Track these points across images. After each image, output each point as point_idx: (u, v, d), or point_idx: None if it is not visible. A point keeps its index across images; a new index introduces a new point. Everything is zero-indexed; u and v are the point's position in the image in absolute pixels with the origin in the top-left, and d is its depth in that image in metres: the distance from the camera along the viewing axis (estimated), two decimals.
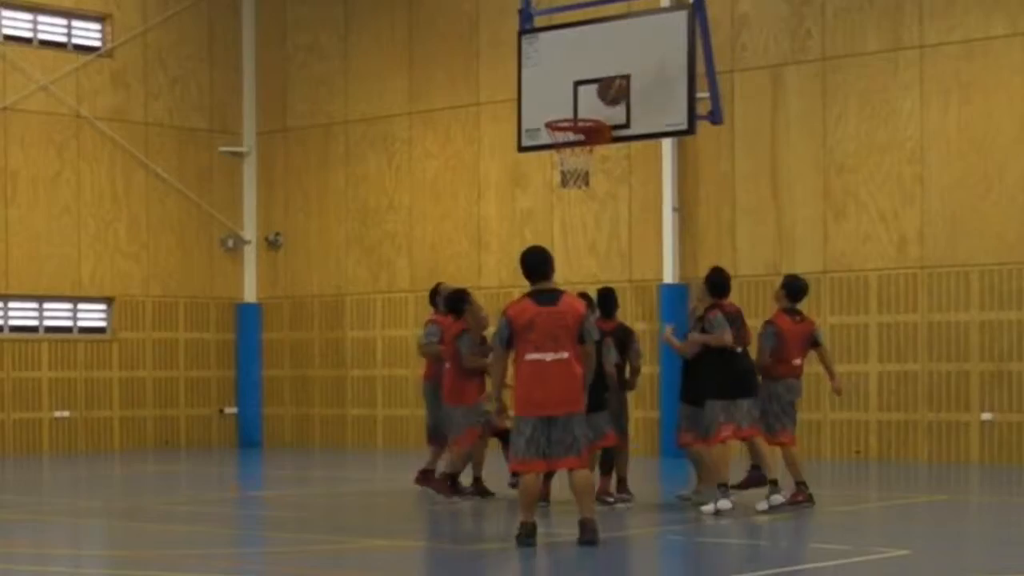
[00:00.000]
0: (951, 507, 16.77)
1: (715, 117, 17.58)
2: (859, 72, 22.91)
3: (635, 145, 23.30)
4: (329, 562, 12.40)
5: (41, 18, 27.06)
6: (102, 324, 27.51)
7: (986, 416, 21.97)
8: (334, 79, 28.09)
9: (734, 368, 15.32)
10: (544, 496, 15.18)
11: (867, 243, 22.85)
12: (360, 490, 18.26)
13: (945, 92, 22.29)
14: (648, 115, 17.17)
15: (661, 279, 24.24)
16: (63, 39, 27.27)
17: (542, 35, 18.26)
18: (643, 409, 24.21)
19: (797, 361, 15.89)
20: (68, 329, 27.13)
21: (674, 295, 24.06)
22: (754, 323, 23.60)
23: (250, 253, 28.95)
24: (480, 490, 16.80)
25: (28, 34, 26.95)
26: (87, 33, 27.48)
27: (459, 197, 26.60)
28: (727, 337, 15.14)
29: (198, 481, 21.68)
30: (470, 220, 26.45)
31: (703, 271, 23.92)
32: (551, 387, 12.60)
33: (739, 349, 15.44)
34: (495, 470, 17.02)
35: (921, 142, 22.46)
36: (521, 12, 18.61)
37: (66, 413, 26.75)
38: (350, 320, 27.84)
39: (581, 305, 12.95)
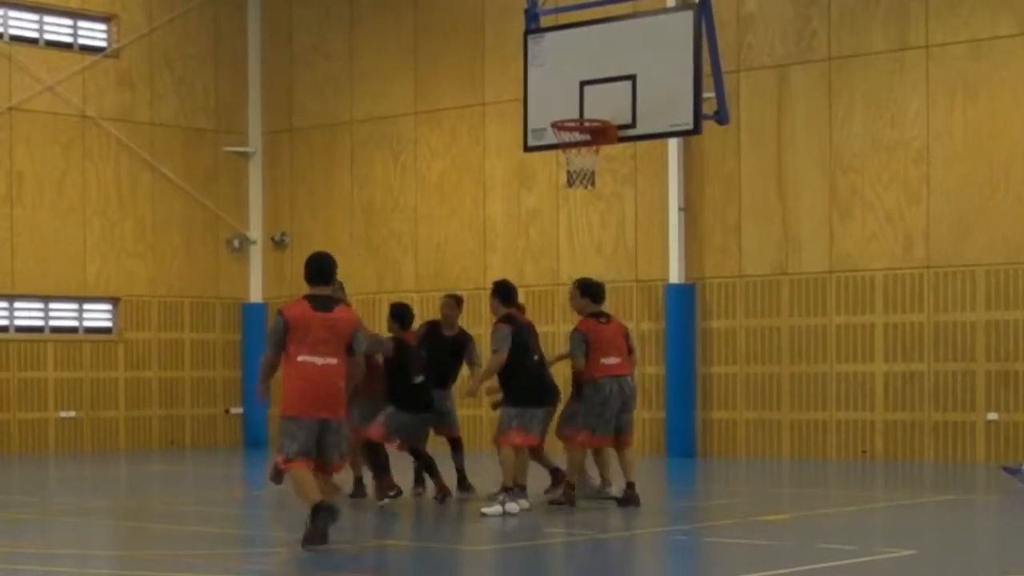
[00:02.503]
0: (957, 507, 16.75)
1: (721, 117, 17.56)
2: (865, 72, 22.89)
3: (641, 145, 23.28)
4: (333, 562, 12.39)
5: (47, 18, 27.07)
6: (108, 324, 27.52)
7: (992, 416, 21.95)
8: (340, 79, 28.09)
9: (527, 377, 15.57)
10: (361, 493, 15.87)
11: (873, 243, 22.83)
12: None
13: (951, 92, 22.27)
14: (654, 115, 17.15)
15: (667, 279, 24.23)
16: (69, 39, 27.28)
17: (548, 35, 18.25)
18: (649, 410, 24.20)
19: (608, 361, 15.80)
20: (74, 329, 27.14)
21: (680, 295, 24.06)
22: (759, 324, 23.64)
23: (256, 253, 28.95)
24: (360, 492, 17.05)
25: (34, 34, 26.96)
26: (93, 33, 27.49)
27: (465, 197, 26.60)
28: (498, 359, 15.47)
29: (204, 481, 21.68)
30: (476, 220, 26.44)
31: (709, 271, 24.12)
32: (320, 391, 12.81)
33: (536, 358, 15.71)
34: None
35: (927, 142, 22.44)
36: (527, 12, 18.59)
37: (72, 413, 26.76)
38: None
39: (354, 316, 13.25)
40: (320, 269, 13.11)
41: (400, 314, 16.62)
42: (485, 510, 15.16)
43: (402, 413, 16.20)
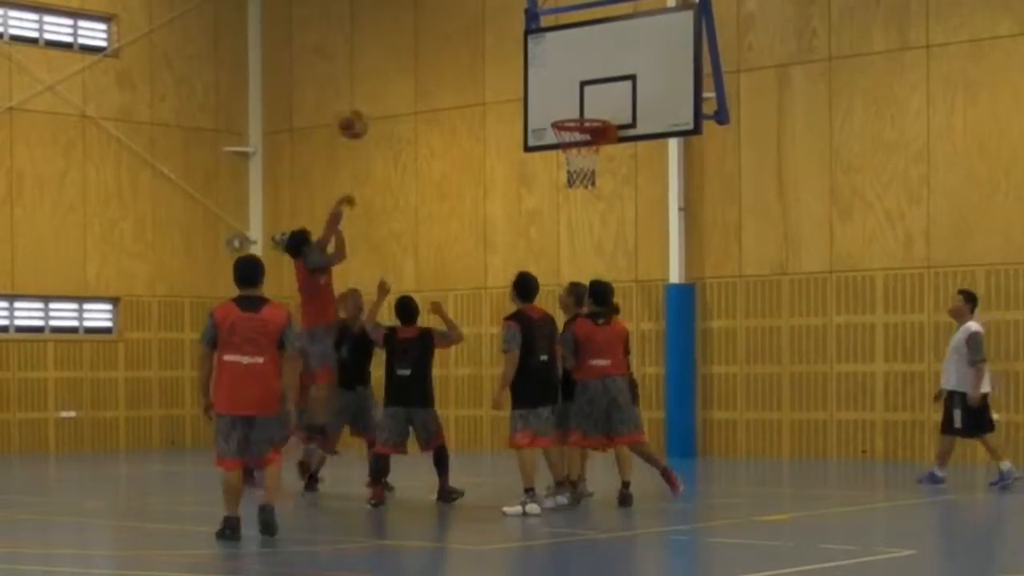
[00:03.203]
0: (958, 507, 16.75)
1: (721, 117, 17.56)
2: (865, 72, 22.88)
3: (641, 145, 23.28)
4: (334, 562, 12.39)
5: (47, 18, 27.06)
6: (108, 324, 27.52)
7: (993, 416, 21.91)
8: (340, 79, 28.08)
9: (528, 376, 15.51)
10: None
11: (873, 243, 22.83)
12: (364, 490, 18.23)
13: (952, 92, 22.26)
14: (654, 115, 17.15)
15: (667, 279, 24.22)
16: (69, 39, 27.28)
17: (548, 35, 18.24)
18: (649, 410, 24.19)
19: (597, 363, 15.78)
20: (74, 329, 27.13)
21: (680, 295, 24.05)
22: (759, 324, 23.65)
23: (256, 253, 28.93)
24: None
25: (34, 34, 26.95)
26: (93, 33, 27.49)
27: (465, 197, 26.59)
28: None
29: (204, 481, 21.64)
30: (476, 220, 26.44)
31: (709, 271, 24.12)
32: (246, 388, 13.25)
33: (544, 358, 15.59)
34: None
35: (927, 142, 22.43)
36: (527, 12, 18.59)
37: (72, 413, 26.75)
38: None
39: (283, 315, 13.62)
40: (246, 271, 13.91)
41: (399, 308, 16.64)
42: (506, 509, 15.19)
43: (388, 410, 16.22)
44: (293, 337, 13.54)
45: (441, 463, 16.43)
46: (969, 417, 18.08)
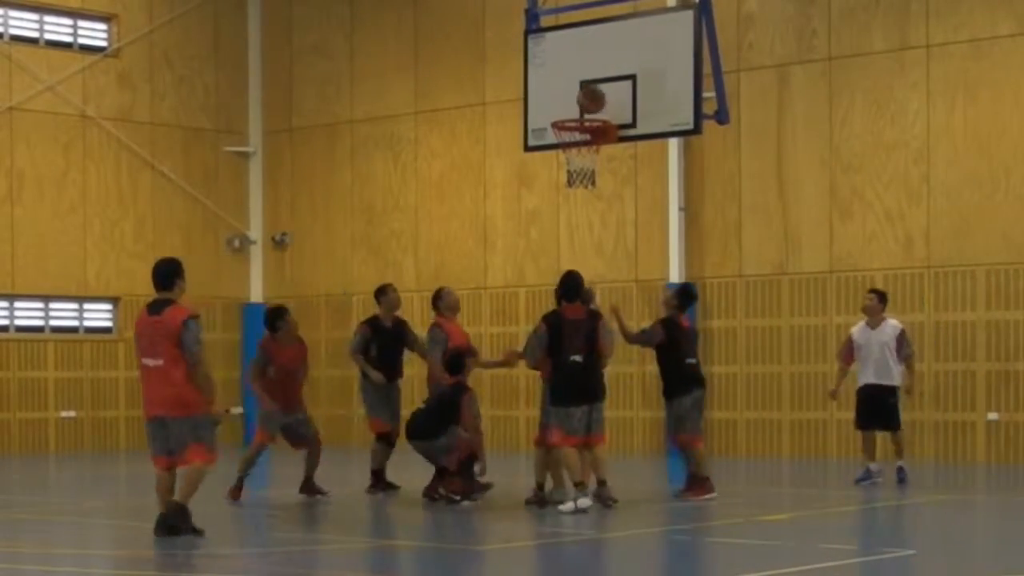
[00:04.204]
0: (957, 507, 16.75)
1: (721, 117, 17.56)
2: (865, 71, 22.88)
3: (641, 145, 23.28)
4: (334, 562, 12.39)
5: (47, 18, 27.07)
6: (108, 324, 27.52)
7: (992, 416, 21.94)
8: (340, 79, 28.09)
9: (561, 376, 15.55)
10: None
11: (873, 242, 22.83)
12: (365, 490, 18.24)
13: (951, 91, 22.27)
14: (654, 115, 17.14)
15: (667, 279, 24.22)
16: (69, 39, 27.29)
17: (548, 35, 18.23)
18: (649, 410, 24.19)
19: (575, 358, 15.74)
20: (74, 329, 27.14)
21: None
22: (759, 323, 23.67)
23: (256, 253, 28.95)
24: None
25: (34, 34, 26.96)
26: (93, 33, 27.49)
27: (465, 197, 26.60)
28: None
29: (203, 481, 21.61)
30: (476, 220, 26.44)
31: (709, 271, 24.12)
32: (152, 391, 13.45)
33: (577, 358, 15.54)
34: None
35: (927, 141, 22.43)
36: (527, 12, 18.58)
37: (72, 413, 26.76)
38: (356, 320, 27.77)
39: (182, 316, 13.43)
40: (154, 275, 13.74)
41: (449, 361, 16.71)
42: (561, 508, 15.24)
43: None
44: (188, 339, 13.34)
45: None
46: (891, 411, 18.58)
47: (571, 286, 15.86)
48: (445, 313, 17.37)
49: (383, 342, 17.78)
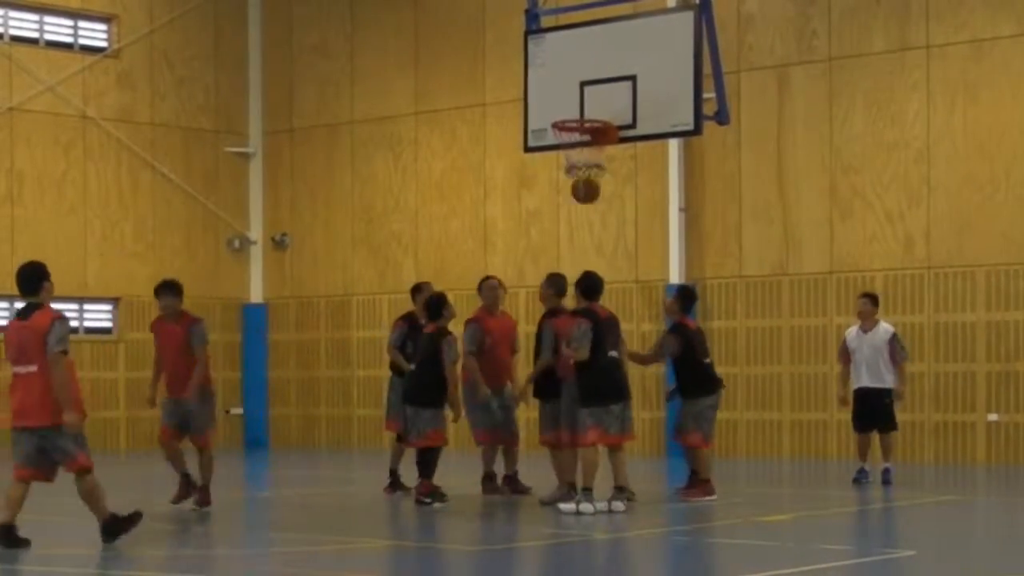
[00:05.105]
0: (957, 508, 16.75)
1: (721, 117, 17.57)
2: (865, 72, 22.89)
3: (641, 145, 23.27)
4: (335, 562, 12.39)
5: (47, 19, 27.07)
6: (108, 324, 27.52)
7: (992, 417, 21.95)
8: (340, 79, 28.09)
9: (599, 374, 15.43)
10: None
11: (873, 243, 22.83)
12: (366, 490, 18.24)
13: (952, 92, 22.27)
14: (654, 115, 17.15)
15: (667, 279, 24.23)
16: (69, 40, 27.28)
17: (548, 35, 18.25)
18: (649, 410, 24.19)
19: (613, 354, 15.71)
20: (74, 330, 27.10)
21: None
22: (759, 324, 23.68)
23: (256, 253, 28.95)
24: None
25: (35, 35, 26.96)
26: (93, 34, 27.49)
27: (465, 197, 26.60)
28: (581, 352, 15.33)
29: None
30: (476, 220, 26.44)
31: (709, 271, 24.12)
32: (20, 399, 12.75)
33: (614, 354, 15.54)
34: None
35: (928, 142, 22.44)
36: (527, 12, 18.59)
37: None
38: (356, 320, 27.83)
39: (46, 319, 12.83)
40: (19, 280, 12.99)
41: (428, 304, 16.61)
42: (561, 506, 15.24)
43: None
44: (52, 339, 12.69)
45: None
46: (887, 413, 18.71)
47: (593, 285, 15.79)
48: (490, 307, 17.22)
49: (418, 339, 17.58)
